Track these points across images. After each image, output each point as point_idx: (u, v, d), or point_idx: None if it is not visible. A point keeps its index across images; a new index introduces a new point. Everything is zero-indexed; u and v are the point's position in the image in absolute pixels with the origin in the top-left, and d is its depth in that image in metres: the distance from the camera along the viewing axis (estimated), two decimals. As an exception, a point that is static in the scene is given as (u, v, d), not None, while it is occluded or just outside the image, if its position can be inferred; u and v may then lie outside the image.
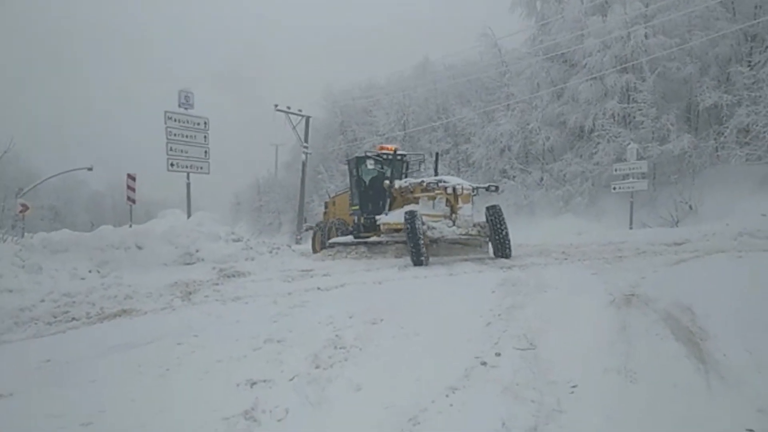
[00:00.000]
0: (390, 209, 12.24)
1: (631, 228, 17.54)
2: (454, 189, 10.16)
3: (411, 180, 12.27)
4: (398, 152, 13.38)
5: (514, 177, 24.46)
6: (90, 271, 9.53)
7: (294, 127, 30.30)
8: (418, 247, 9.43)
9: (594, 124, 21.67)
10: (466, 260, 10.45)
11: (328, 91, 36.79)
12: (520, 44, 26.92)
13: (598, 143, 21.34)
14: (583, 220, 20.10)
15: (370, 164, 12.80)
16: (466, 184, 10.36)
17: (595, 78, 21.74)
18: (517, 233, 16.20)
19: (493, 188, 10.87)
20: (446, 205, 10.76)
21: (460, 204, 10.18)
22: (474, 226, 10.27)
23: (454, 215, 10.27)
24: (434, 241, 10.08)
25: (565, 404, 3.06)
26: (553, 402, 3.09)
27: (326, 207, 17.91)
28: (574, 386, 3.31)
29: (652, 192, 19.62)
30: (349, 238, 13.10)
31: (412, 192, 11.81)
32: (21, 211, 18.93)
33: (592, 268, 8.65)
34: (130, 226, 13.53)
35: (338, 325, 5.00)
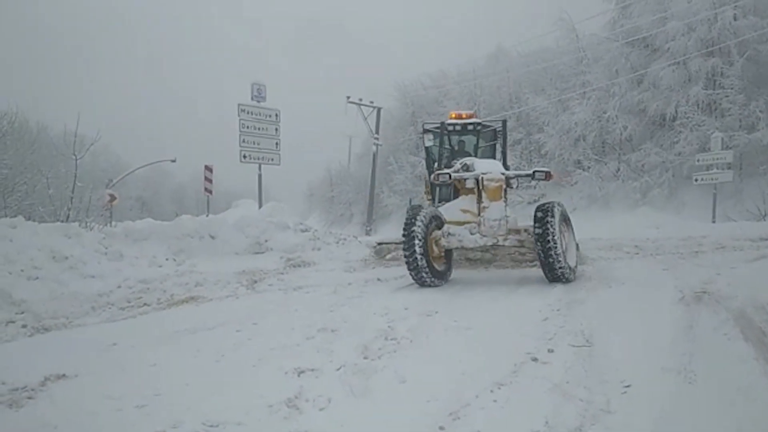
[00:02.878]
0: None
1: (713, 222, 16.61)
2: (477, 181, 7.04)
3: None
4: (469, 120, 10.16)
5: (588, 168, 23.65)
6: (167, 259, 10.00)
7: (365, 119, 30.55)
8: (414, 260, 6.60)
9: (676, 112, 20.59)
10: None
11: (399, 82, 36.76)
12: (599, 29, 25.94)
13: (680, 132, 20.28)
14: (662, 213, 19.18)
15: (428, 139, 10.33)
16: (495, 172, 7.05)
17: (678, 63, 20.62)
18: (589, 226, 15.71)
19: (540, 175, 7.19)
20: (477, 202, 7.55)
21: (486, 202, 6.88)
22: (510, 232, 6.96)
23: (479, 217, 6.94)
24: (450, 251, 7.39)
25: (614, 404, 2.94)
26: (603, 402, 2.98)
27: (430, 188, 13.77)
28: (627, 386, 3.17)
29: (738, 184, 18.46)
30: None
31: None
32: (109, 201, 20.06)
33: (665, 263, 8.27)
34: (207, 215, 14.09)
35: (392, 317, 5.03)
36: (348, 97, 29.93)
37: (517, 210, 21.07)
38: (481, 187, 6.92)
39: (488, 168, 7.15)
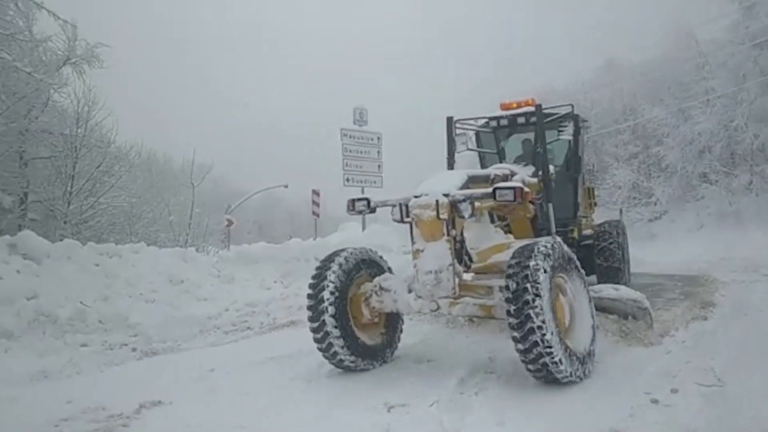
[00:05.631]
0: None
1: None
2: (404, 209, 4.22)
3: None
4: (515, 111, 7.24)
5: (716, 181, 21.73)
6: (275, 282, 10.25)
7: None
8: (321, 328, 4.26)
9: (817, 117, 18.45)
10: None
11: (503, 99, 36.05)
12: (720, 32, 24.00)
13: (824, 138, 18.12)
14: (807, 229, 17.11)
15: (461, 143, 7.14)
16: (434, 194, 4.08)
17: (818, 62, 18.54)
18: (720, 245, 14.36)
19: (505, 195, 3.99)
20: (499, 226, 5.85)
21: (419, 243, 4.10)
22: (472, 289, 4.40)
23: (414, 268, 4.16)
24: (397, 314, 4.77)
25: (754, 462, 2.50)
26: (739, 457, 2.53)
27: None
28: (769, 438, 2.70)
29: None
30: None
31: None
32: (227, 225, 21.18)
33: (813, 287, 7.27)
34: (315, 239, 14.38)
35: (494, 346, 4.71)
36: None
37: (635, 232, 19.71)
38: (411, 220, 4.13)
39: (430, 187, 4.16)
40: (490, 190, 4.01)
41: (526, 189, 3.95)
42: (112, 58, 14.08)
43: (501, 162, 7.19)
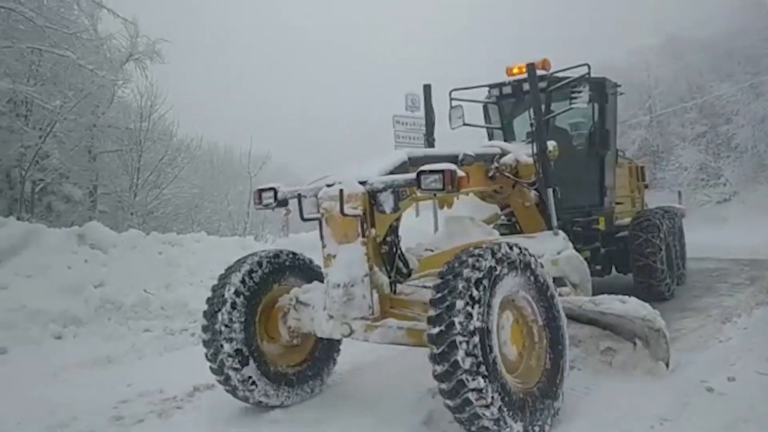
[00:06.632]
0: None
1: None
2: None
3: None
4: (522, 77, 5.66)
5: (791, 160, 20.55)
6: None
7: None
8: (215, 351, 3.27)
9: None
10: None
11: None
12: (797, 0, 22.51)
13: None
14: None
15: (457, 117, 5.94)
16: (348, 184, 3.20)
17: None
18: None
19: (432, 182, 2.97)
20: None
21: (330, 247, 3.26)
22: (399, 307, 3.29)
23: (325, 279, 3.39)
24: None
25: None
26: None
27: None
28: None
29: None
30: None
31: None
32: (285, 215, 21.78)
33: None
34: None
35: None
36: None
37: (702, 215, 18.84)
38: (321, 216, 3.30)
39: (349, 172, 3.31)
40: (413, 175, 3.00)
41: (461, 173, 2.94)
42: (173, 54, 14.58)
43: (507, 140, 6.13)
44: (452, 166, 2.94)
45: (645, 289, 5.95)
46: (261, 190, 3.59)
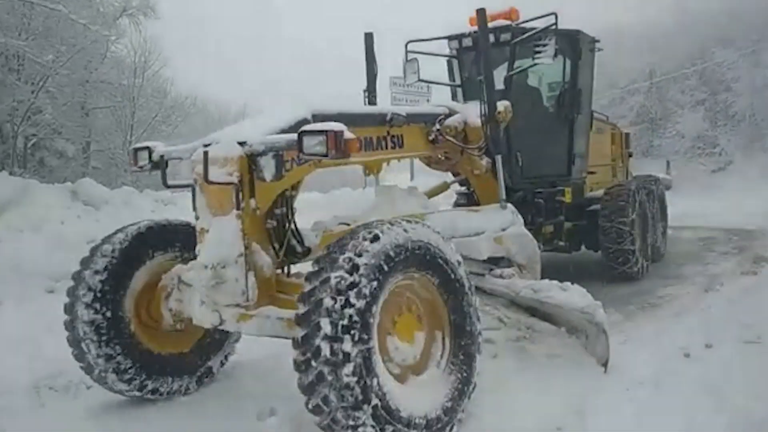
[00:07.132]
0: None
1: None
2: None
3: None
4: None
5: (789, 130, 20.51)
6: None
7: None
8: (75, 333, 2.94)
9: None
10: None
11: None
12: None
13: None
14: None
15: (412, 72, 5.15)
16: (225, 145, 2.67)
17: None
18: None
19: (315, 145, 2.45)
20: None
21: (203, 220, 2.71)
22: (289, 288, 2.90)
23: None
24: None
25: (780, 419, 2.47)
26: (765, 414, 2.51)
27: None
28: (801, 397, 2.65)
29: None
30: None
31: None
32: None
33: None
34: (364, 188, 14.53)
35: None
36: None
37: (696, 183, 18.83)
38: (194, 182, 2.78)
39: (231, 132, 2.85)
40: (295, 136, 2.48)
41: (350, 135, 2.44)
42: (168, 9, 14.31)
43: (468, 99, 5.34)
44: (339, 126, 2.43)
45: (614, 270, 5.49)
46: (136, 149, 3.06)
